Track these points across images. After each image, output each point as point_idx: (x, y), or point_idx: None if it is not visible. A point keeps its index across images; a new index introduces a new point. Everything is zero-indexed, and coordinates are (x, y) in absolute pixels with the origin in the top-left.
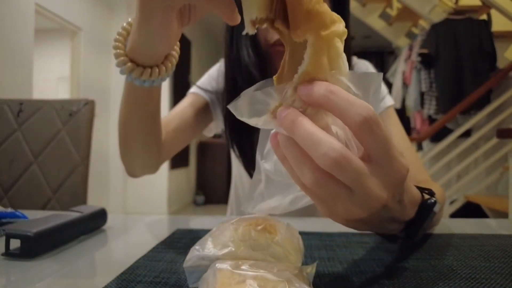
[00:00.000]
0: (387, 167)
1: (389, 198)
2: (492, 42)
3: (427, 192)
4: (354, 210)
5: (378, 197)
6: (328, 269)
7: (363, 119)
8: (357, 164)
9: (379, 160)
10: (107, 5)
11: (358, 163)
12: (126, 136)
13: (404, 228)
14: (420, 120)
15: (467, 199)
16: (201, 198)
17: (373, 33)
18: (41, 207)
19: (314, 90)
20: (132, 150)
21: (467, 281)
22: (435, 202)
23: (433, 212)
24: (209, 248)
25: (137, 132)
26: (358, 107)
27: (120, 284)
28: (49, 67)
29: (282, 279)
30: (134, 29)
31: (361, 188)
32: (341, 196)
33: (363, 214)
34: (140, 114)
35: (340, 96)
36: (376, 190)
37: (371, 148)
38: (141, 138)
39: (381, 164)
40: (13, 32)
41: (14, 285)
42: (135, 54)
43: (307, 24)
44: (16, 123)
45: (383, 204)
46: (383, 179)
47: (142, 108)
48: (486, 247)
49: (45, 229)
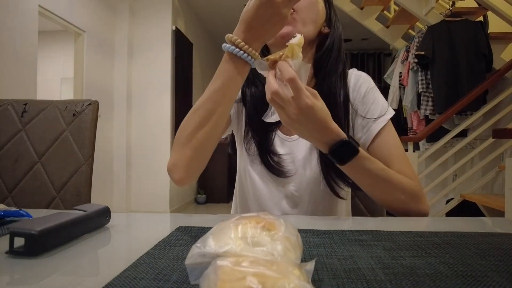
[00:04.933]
0: (297, 99)
1: (301, 116)
2: (488, 43)
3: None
4: (285, 117)
5: (294, 113)
6: (326, 266)
7: (289, 77)
8: (281, 95)
9: (294, 95)
10: (110, 7)
11: (283, 95)
12: (207, 120)
13: (328, 152)
14: (417, 120)
15: (463, 198)
16: (203, 197)
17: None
18: (45, 206)
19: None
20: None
21: (463, 279)
22: (349, 141)
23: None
24: (210, 246)
25: (219, 112)
26: (287, 72)
27: (123, 281)
28: (52, 68)
29: (281, 275)
30: (253, 23)
31: (286, 107)
32: (280, 109)
33: (288, 120)
34: (229, 91)
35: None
36: (292, 109)
37: (292, 89)
38: (218, 121)
39: (295, 97)
40: (17, 34)
41: (18, 283)
42: (250, 40)
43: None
44: (20, 123)
45: (297, 118)
46: (296, 105)
47: (233, 84)
48: (483, 245)
49: (49, 228)
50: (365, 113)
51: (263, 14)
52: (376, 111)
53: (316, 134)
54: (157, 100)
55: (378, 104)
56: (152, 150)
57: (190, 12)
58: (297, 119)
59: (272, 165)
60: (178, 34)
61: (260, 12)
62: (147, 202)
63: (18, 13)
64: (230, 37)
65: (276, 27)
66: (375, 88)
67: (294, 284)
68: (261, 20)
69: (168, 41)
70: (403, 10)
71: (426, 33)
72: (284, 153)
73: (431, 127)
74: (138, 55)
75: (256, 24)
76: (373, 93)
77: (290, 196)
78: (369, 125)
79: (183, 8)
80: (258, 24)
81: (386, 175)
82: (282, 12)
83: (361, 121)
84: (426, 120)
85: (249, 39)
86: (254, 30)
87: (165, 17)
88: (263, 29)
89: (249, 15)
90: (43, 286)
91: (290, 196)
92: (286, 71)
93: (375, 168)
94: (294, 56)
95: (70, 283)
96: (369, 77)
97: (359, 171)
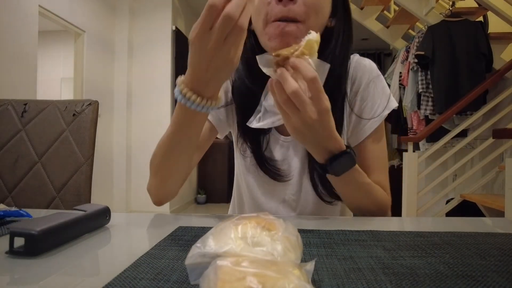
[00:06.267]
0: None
1: (316, 121)
2: (488, 43)
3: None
4: (298, 122)
5: (311, 117)
6: (326, 266)
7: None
8: (303, 96)
9: (314, 97)
10: (110, 7)
11: (303, 96)
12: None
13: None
14: (417, 121)
15: (463, 198)
16: (203, 197)
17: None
18: (45, 206)
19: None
20: (168, 173)
21: (463, 279)
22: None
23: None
24: (210, 246)
25: (179, 151)
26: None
27: (123, 281)
28: (52, 68)
29: (281, 275)
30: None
31: (303, 110)
32: (295, 112)
33: (302, 126)
34: (186, 136)
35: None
36: (310, 113)
37: (311, 90)
38: (180, 158)
39: (314, 98)
40: (17, 34)
41: (18, 283)
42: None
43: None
44: (20, 123)
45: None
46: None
47: (189, 130)
48: (483, 245)
49: (49, 228)
50: (360, 111)
51: (201, 58)
52: (373, 109)
53: (322, 142)
54: (157, 100)
55: (376, 101)
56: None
57: (190, 12)
58: (312, 125)
59: (268, 169)
60: (178, 34)
61: (196, 56)
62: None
63: (18, 13)
64: (179, 82)
65: (222, 73)
66: (377, 79)
67: (294, 284)
68: (202, 65)
69: (168, 41)
70: (403, 10)
71: (426, 33)
72: (279, 158)
73: (431, 127)
74: (138, 55)
75: (198, 69)
76: (374, 86)
77: (288, 200)
78: (362, 125)
79: (183, 8)
80: (201, 70)
81: (369, 190)
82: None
83: (354, 118)
84: (426, 120)
85: (196, 86)
86: (198, 75)
87: (165, 17)
88: (207, 76)
89: (189, 57)
90: (43, 286)
91: (288, 200)
92: (307, 70)
93: (362, 182)
94: (312, 54)
95: (70, 283)
96: (372, 64)
97: (348, 183)
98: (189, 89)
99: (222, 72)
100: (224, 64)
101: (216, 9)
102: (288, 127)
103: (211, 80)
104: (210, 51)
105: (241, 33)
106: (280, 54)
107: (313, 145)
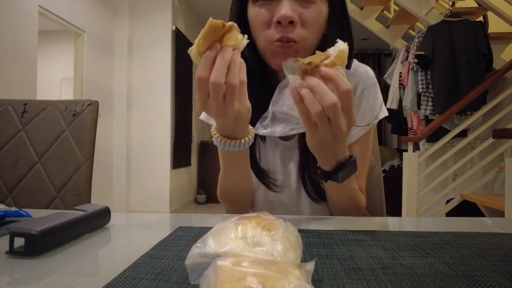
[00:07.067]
0: (348, 114)
1: (344, 134)
2: (488, 43)
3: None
4: (327, 134)
5: (342, 130)
6: (326, 266)
7: (347, 90)
8: (339, 108)
9: (346, 110)
10: (110, 8)
11: (339, 108)
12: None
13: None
14: (417, 121)
15: (463, 198)
16: (203, 197)
17: (371, 35)
18: (45, 206)
19: (329, 71)
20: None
21: (463, 279)
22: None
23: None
24: (210, 246)
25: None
26: (345, 84)
27: (123, 281)
28: (52, 68)
29: (281, 275)
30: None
31: (335, 122)
32: (325, 123)
33: (330, 138)
34: (236, 169)
35: (340, 77)
36: (342, 126)
37: (344, 103)
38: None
39: (346, 111)
40: (17, 34)
41: (18, 283)
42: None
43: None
44: (20, 123)
45: (340, 136)
46: (347, 121)
47: (236, 166)
48: (483, 245)
49: (49, 228)
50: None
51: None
52: (362, 116)
53: (338, 153)
54: (157, 100)
55: (367, 109)
56: (152, 150)
57: (190, 12)
58: (338, 137)
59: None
60: (178, 34)
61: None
62: (147, 202)
63: (18, 13)
64: (212, 131)
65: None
66: (373, 87)
67: (294, 284)
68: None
69: (168, 41)
70: (403, 10)
71: (426, 33)
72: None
73: (431, 127)
74: (138, 55)
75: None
76: (368, 94)
77: (286, 204)
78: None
79: (183, 8)
80: (221, 125)
81: (355, 195)
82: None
83: None
84: (426, 120)
85: (226, 133)
86: (222, 127)
87: (165, 17)
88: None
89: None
90: (43, 286)
91: (286, 204)
92: (342, 82)
93: (352, 188)
94: (343, 65)
95: (70, 283)
96: (369, 72)
97: (343, 189)
98: (222, 136)
99: (239, 119)
100: (237, 114)
101: (205, 80)
102: (312, 138)
103: (235, 127)
104: (218, 112)
105: (235, 89)
106: (311, 62)
107: (329, 156)
